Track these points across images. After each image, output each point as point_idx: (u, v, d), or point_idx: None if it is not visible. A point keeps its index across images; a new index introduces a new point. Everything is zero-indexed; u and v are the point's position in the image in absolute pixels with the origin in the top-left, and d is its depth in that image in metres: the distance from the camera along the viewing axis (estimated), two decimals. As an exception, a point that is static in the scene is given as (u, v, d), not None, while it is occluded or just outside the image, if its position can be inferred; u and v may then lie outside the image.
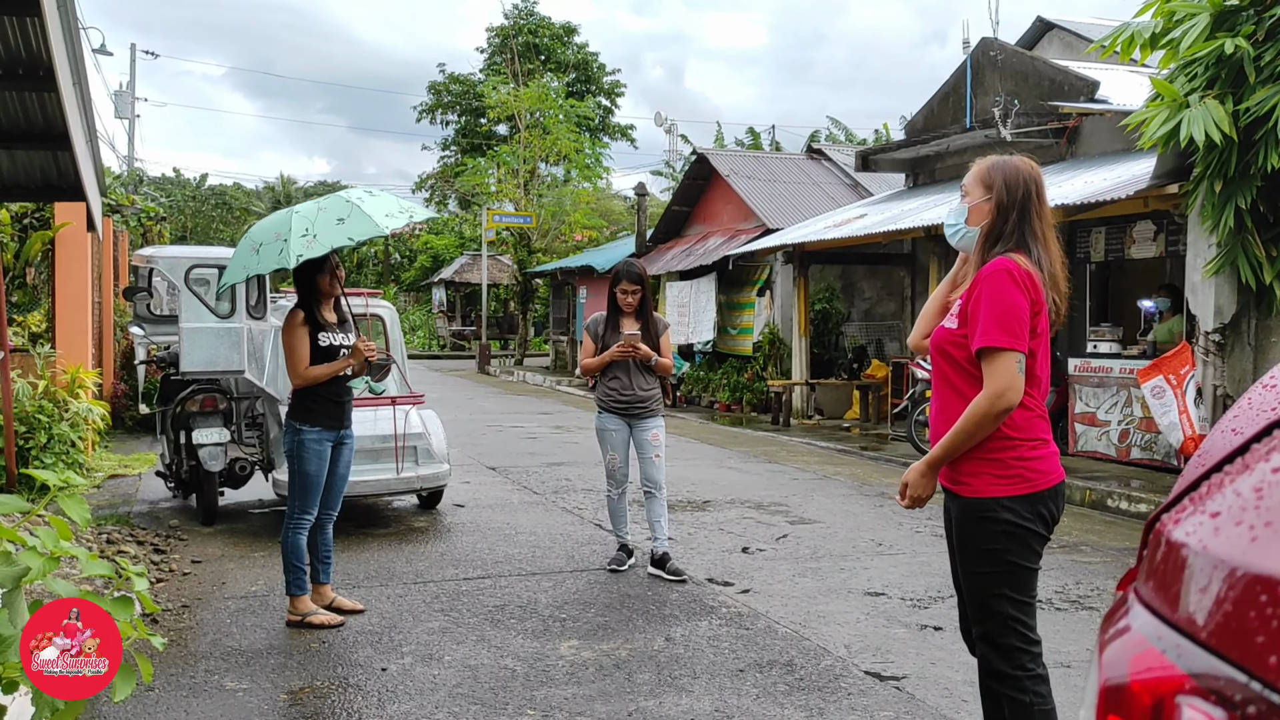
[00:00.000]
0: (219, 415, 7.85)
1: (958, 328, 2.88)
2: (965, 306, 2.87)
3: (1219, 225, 8.05)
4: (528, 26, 39.27)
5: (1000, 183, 2.94)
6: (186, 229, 44.25)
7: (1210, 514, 0.68)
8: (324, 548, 5.49)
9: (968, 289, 2.89)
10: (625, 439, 6.34)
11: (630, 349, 6.11)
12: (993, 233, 2.92)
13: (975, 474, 2.84)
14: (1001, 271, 2.79)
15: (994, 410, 2.75)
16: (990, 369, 2.77)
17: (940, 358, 2.96)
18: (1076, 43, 16.22)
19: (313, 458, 5.23)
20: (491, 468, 10.59)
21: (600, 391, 6.38)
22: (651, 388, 6.32)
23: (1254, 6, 7.67)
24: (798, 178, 20.00)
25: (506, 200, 30.10)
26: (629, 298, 6.26)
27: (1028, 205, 2.92)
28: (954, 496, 2.94)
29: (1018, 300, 2.77)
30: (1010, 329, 2.75)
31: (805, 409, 15.65)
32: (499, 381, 25.07)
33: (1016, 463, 2.82)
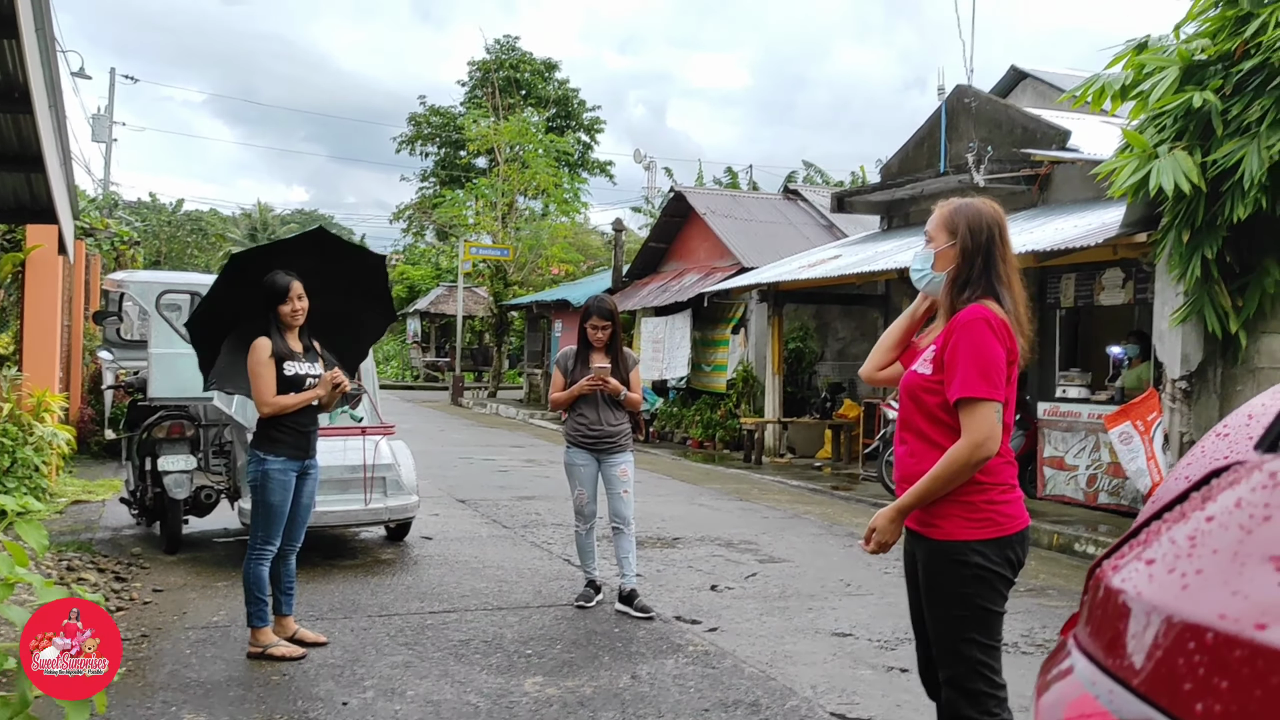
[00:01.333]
0: (186, 442, 7.77)
1: (932, 374, 2.88)
2: (941, 353, 2.86)
3: (1186, 274, 8.17)
4: (509, 61, 39.52)
5: (964, 227, 2.95)
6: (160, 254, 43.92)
7: (1146, 561, 0.68)
8: (287, 579, 5.41)
9: (942, 335, 2.88)
10: (594, 474, 6.30)
11: (599, 382, 6.10)
12: (960, 277, 2.93)
13: (946, 516, 2.83)
14: (980, 320, 2.80)
15: (973, 459, 2.76)
16: (970, 418, 2.77)
17: (911, 402, 2.95)
18: (1049, 92, 16.49)
19: (277, 488, 5.17)
20: (461, 500, 10.52)
21: (569, 426, 6.35)
22: (620, 423, 6.29)
23: (1222, 61, 7.83)
24: (774, 218, 20.16)
25: (484, 232, 30.15)
26: (599, 333, 6.26)
27: (992, 249, 2.93)
28: (921, 539, 2.93)
29: (996, 350, 2.79)
30: (990, 379, 2.77)
31: (777, 447, 15.67)
32: (472, 413, 24.97)
33: (987, 506, 2.82)
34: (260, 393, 5.13)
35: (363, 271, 5.91)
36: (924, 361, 2.94)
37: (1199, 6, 8.07)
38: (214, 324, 5.51)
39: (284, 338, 5.25)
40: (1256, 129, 7.39)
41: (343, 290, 5.69)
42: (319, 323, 5.45)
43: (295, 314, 5.24)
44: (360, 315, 5.95)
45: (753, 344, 16.96)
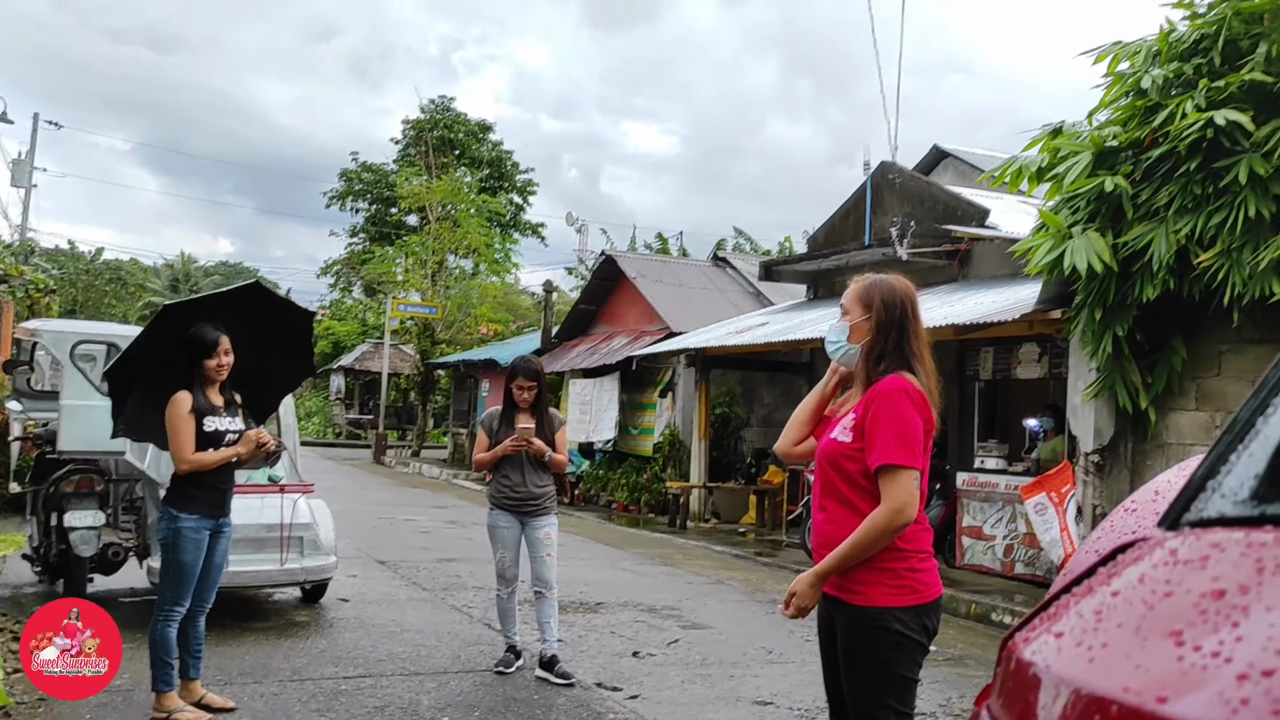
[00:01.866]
0: (95, 497, 7.51)
1: (852, 441, 2.93)
2: (861, 421, 2.92)
3: (1098, 351, 8.43)
4: (443, 121, 39.65)
5: (879, 302, 3.03)
6: (77, 303, 42.84)
7: (1056, 634, 0.71)
8: (195, 641, 5.22)
9: (861, 404, 2.94)
10: (516, 537, 6.21)
11: (523, 443, 6.03)
12: (874, 350, 3.00)
13: (867, 583, 2.86)
14: (899, 391, 2.88)
15: (893, 526, 2.80)
16: (890, 485, 2.82)
17: (831, 470, 2.99)
18: (969, 171, 17.03)
19: (189, 547, 4.99)
20: (381, 561, 10.32)
21: (493, 487, 6.26)
22: (545, 485, 6.22)
23: (1132, 148, 8.18)
24: (703, 284, 20.39)
25: (413, 290, 29.99)
26: (524, 393, 6.19)
27: (905, 323, 3.02)
28: (841, 605, 2.94)
29: (915, 420, 2.87)
30: (909, 447, 2.84)
31: (702, 512, 15.68)
32: (394, 473, 24.58)
33: (907, 574, 2.87)
34: (179, 449, 4.98)
35: (289, 326, 5.82)
36: (843, 429, 2.98)
37: (1111, 96, 8.44)
38: (132, 372, 5.34)
39: (205, 392, 5.12)
40: (1164, 214, 7.71)
41: (264, 343, 5.59)
42: (237, 373, 5.33)
43: (220, 369, 5.12)
44: (278, 368, 5.84)
45: (680, 408, 17.03)
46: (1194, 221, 7.50)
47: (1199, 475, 0.76)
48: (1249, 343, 8.06)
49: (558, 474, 6.39)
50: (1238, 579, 0.63)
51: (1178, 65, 7.92)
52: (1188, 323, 8.28)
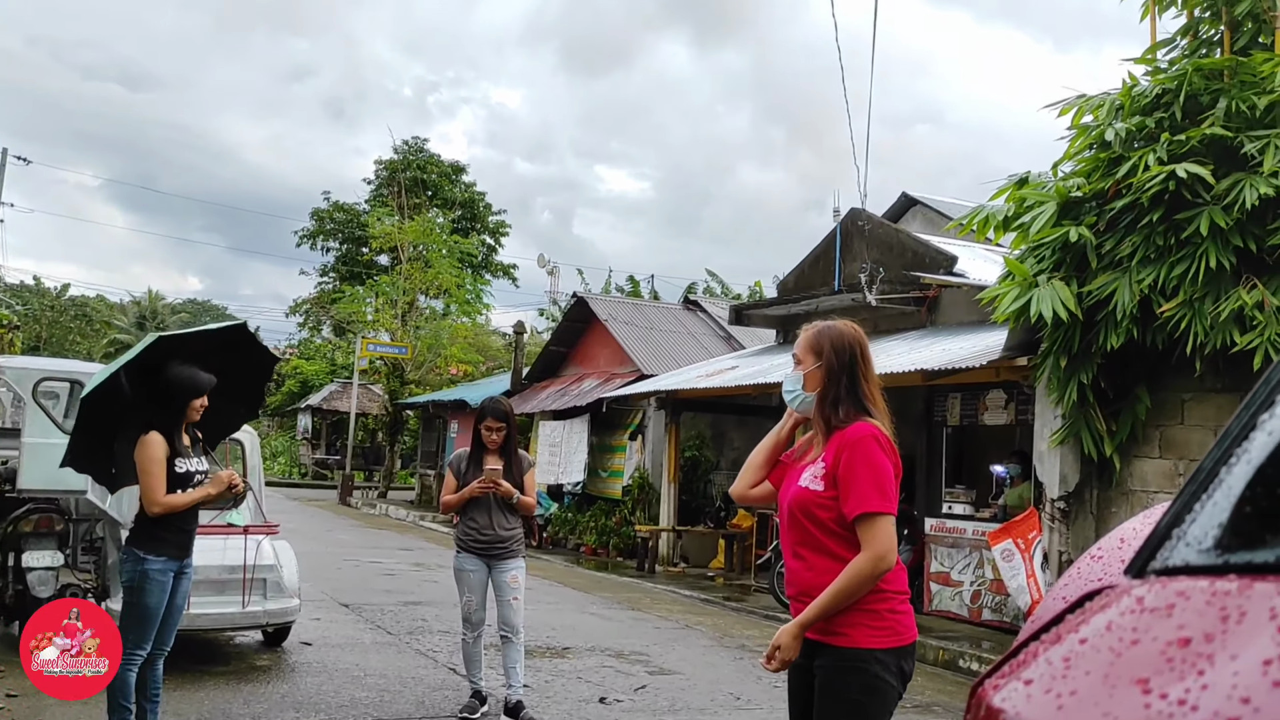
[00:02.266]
0: (54, 537, 7.38)
1: (824, 490, 2.93)
2: (832, 470, 2.92)
3: (1064, 398, 8.52)
4: (416, 162, 39.77)
5: (829, 348, 3.09)
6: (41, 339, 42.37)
7: (1025, 681, 0.71)
8: (153, 686, 5.09)
9: (830, 452, 2.95)
10: (483, 580, 6.13)
11: (490, 484, 5.95)
12: (829, 396, 3.04)
13: (852, 625, 2.85)
14: (869, 438, 2.90)
15: (876, 572, 2.81)
16: (870, 533, 2.83)
17: (804, 518, 2.97)
18: (938, 219, 17.26)
19: (155, 589, 4.88)
20: (344, 604, 10.18)
21: (460, 530, 6.19)
22: (513, 527, 6.15)
23: (1096, 199, 8.33)
24: (674, 326, 20.47)
25: (383, 329, 29.87)
26: (493, 435, 6.13)
27: (855, 368, 3.06)
28: (825, 648, 2.91)
29: (887, 465, 2.90)
30: (886, 493, 2.86)
31: (671, 556, 15.61)
32: (360, 514, 24.32)
33: (889, 615, 2.88)
34: (152, 490, 4.86)
35: (252, 370, 5.76)
36: (813, 478, 2.98)
37: (1075, 148, 8.60)
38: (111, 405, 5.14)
39: (176, 433, 5.03)
40: (1128, 264, 7.84)
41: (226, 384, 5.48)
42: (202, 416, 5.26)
43: (200, 410, 5.07)
44: (228, 409, 5.72)
45: (650, 451, 17.01)
46: (1157, 272, 7.63)
47: (1164, 524, 0.77)
48: (1211, 391, 8.17)
49: (526, 516, 6.33)
50: (1203, 627, 0.64)
51: (1140, 119, 8.10)
52: (1151, 371, 8.39)
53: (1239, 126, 7.57)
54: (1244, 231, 7.30)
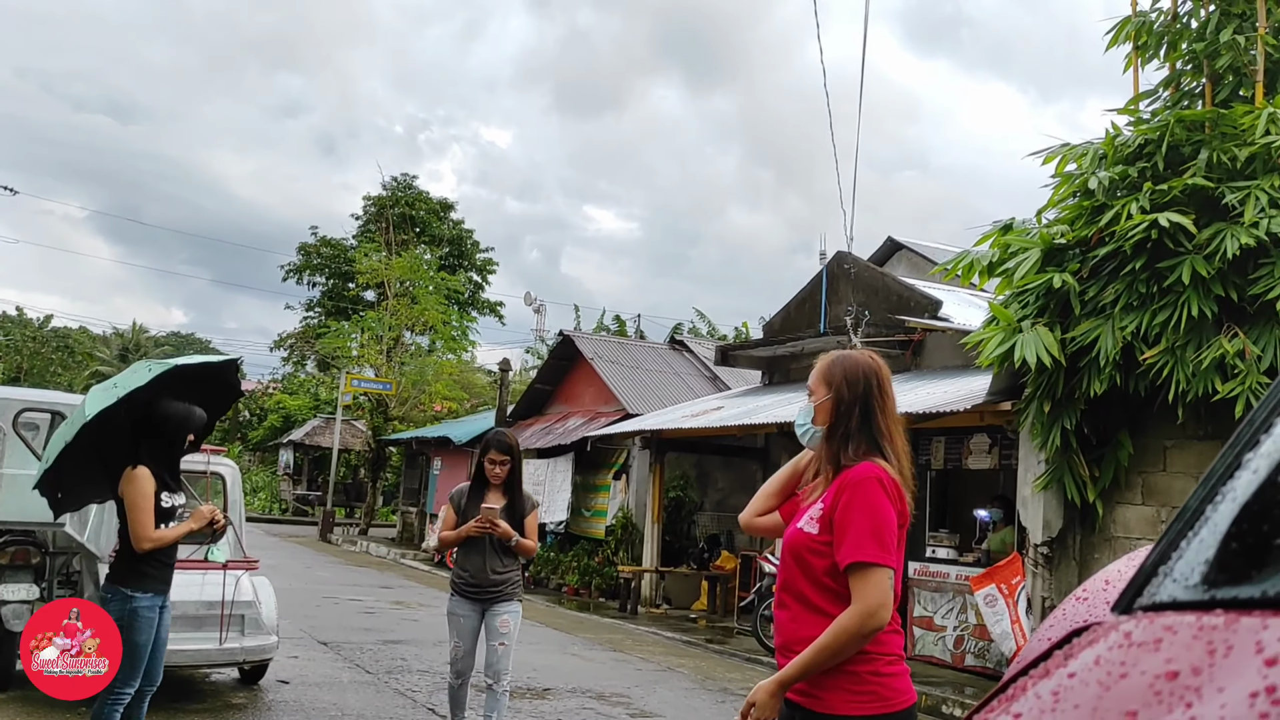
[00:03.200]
0: (30, 570, 7.30)
1: (819, 534, 2.67)
2: (829, 513, 2.66)
3: (1047, 443, 8.56)
4: (405, 199, 39.93)
5: (840, 379, 2.83)
6: (21, 369, 42.12)
7: (1014, 715, 0.71)
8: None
9: (830, 493, 2.70)
10: (474, 627, 5.76)
11: (487, 524, 5.58)
12: (838, 431, 2.78)
13: (828, 688, 2.59)
14: (872, 480, 2.63)
15: (864, 630, 2.54)
16: (862, 585, 2.56)
17: (794, 562, 2.73)
18: (922, 263, 17.42)
19: (144, 626, 4.78)
20: (323, 642, 10.07)
21: (454, 572, 5.88)
22: (508, 570, 5.78)
23: (1079, 246, 8.42)
24: (660, 366, 20.50)
25: (367, 365, 29.80)
26: (497, 468, 5.78)
27: (870, 402, 2.79)
28: (800, 710, 2.64)
29: (889, 512, 2.62)
30: (883, 543, 2.58)
31: (654, 597, 15.52)
32: (341, 551, 24.12)
33: (872, 678, 2.60)
34: (142, 526, 4.78)
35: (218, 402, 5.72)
36: (809, 520, 2.72)
37: (1059, 195, 8.71)
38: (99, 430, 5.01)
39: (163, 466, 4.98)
40: (1111, 310, 7.91)
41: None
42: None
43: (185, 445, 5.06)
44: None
45: (634, 491, 16.96)
46: (1139, 319, 7.70)
47: (1151, 561, 0.78)
48: (1193, 439, 8.22)
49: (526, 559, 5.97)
50: (1190, 661, 0.65)
51: (1123, 168, 8.21)
52: (1133, 417, 8.44)
53: (1220, 177, 7.69)
54: (1225, 281, 7.38)
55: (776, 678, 2.62)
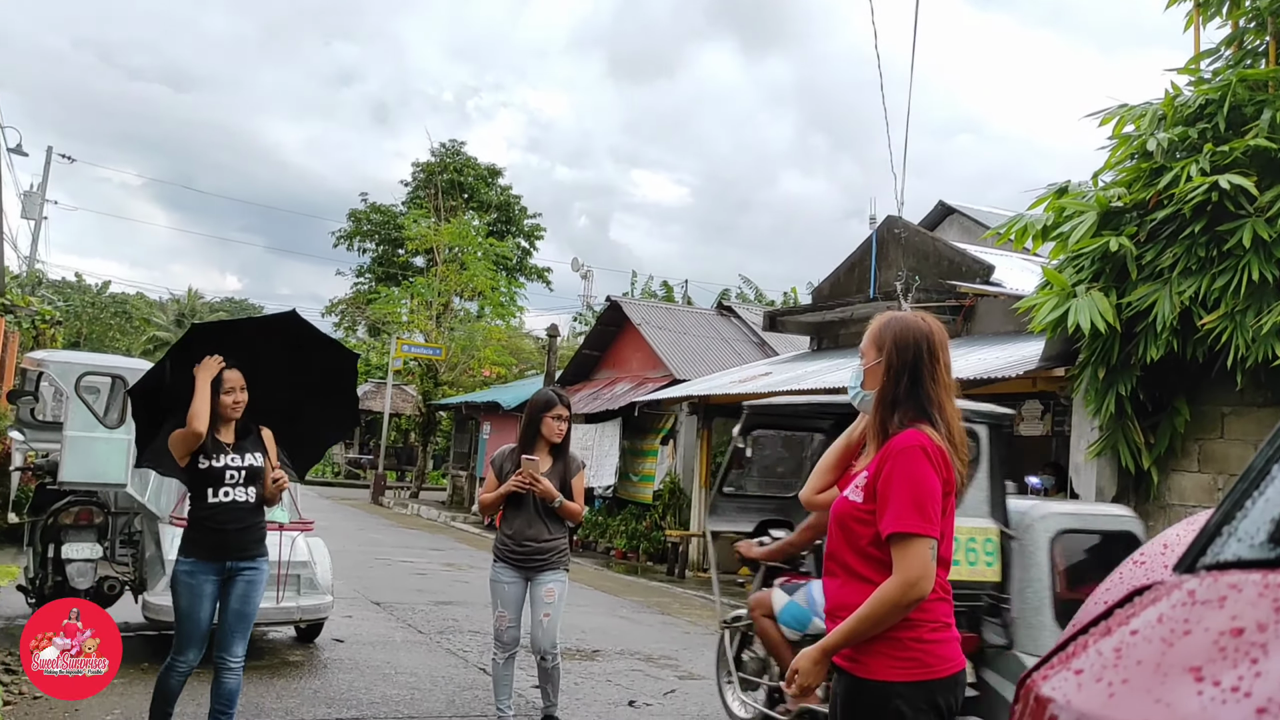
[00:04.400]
0: (93, 530, 7.50)
1: (863, 502, 2.65)
2: (873, 481, 2.64)
3: (1101, 410, 8.44)
4: (453, 165, 40.04)
5: (890, 343, 2.76)
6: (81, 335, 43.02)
7: (1075, 671, 0.71)
8: (219, 701, 4.79)
9: (875, 461, 2.67)
10: (519, 596, 5.47)
11: (527, 480, 5.28)
12: (886, 397, 2.72)
13: (870, 653, 2.59)
14: (916, 448, 2.59)
15: (905, 600, 2.52)
16: (903, 555, 2.53)
17: (840, 531, 2.71)
18: (974, 228, 17.17)
19: (184, 591, 4.65)
20: (376, 603, 10.25)
21: (497, 537, 5.58)
22: (555, 536, 5.48)
23: (1137, 209, 8.25)
24: (707, 332, 20.46)
25: (417, 331, 30.07)
26: (563, 425, 5.51)
27: (919, 367, 2.72)
28: (842, 673, 2.66)
29: (933, 481, 2.58)
30: (926, 513, 2.54)
31: (701, 561, 15.60)
32: (392, 514, 24.49)
33: (915, 644, 2.58)
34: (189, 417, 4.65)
35: (333, 369, 5.39)
36: (855, 488, 2.70)
37: (1116, 157, 8.53)
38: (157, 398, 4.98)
39: (212, 429, 4.77)
40: (1168, 275, 7.76)
41: (307, 384, 5.26)
42: (274, 415, 5.07)
43: (234, 406, 4.80)
44: (323, 413, 5.42)
45: (681, 456, 17.00)
46: (1198, 283, 7.55)
47: (1214, 521, 0.78)
48: (1251, 405, 8.06)
49: (572, 524, 5.68)
50: (1256, 618, 0.64)
51: (1183, 129, 8.02)
52: (1191, 384, 8.29)
53: (1284, 137, 7.48)
54: (1288, 244, 7.20)
55: (820, 644, 2.63)
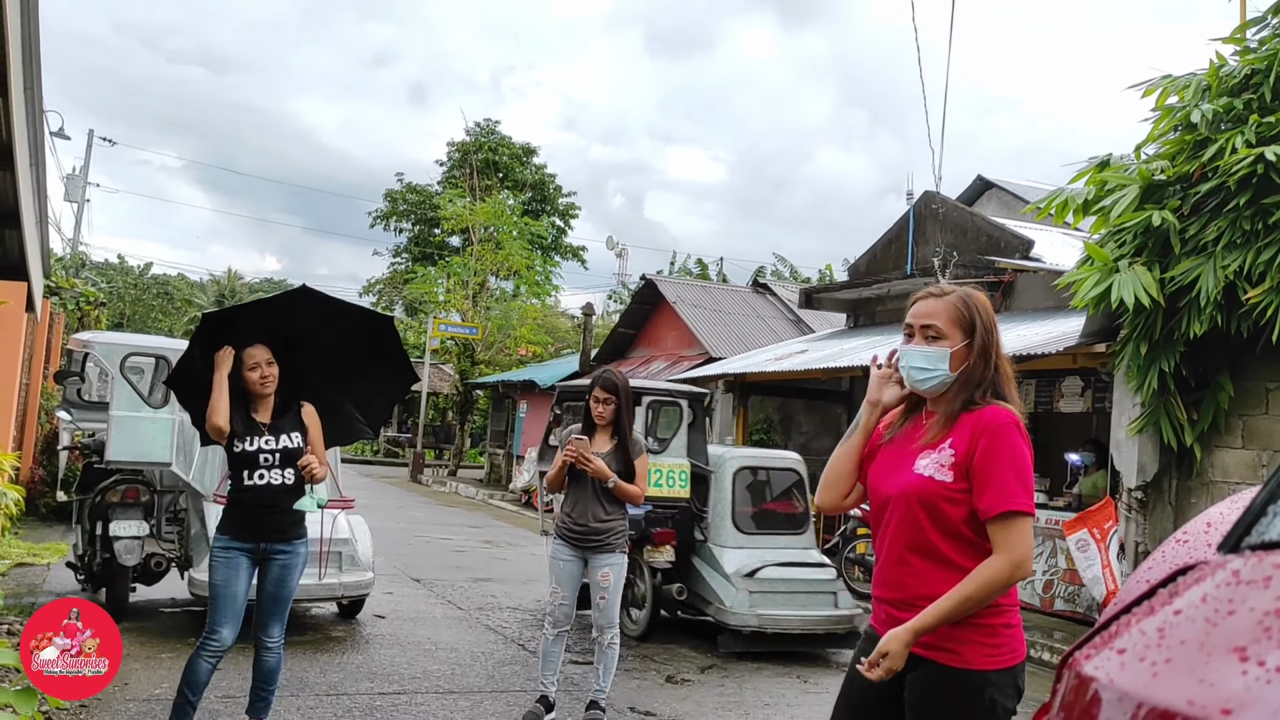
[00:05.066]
0: (139, 507, 7.63)
1: (953, 481, 2.54)
2: (964, 458, 2.55)
3: (1143, 386, 8.34)
4: (488, 144, 40.07)
5: (980, 325, 2.68)
6: (124, 316, 43.67)
7: (1118, 650, 0.72)
8: (259, 678, 4.77)
9: (963, 438, 2.57)
10: (575, 574, 5.49)
11: (573, 455, 5.32)
12: (973, 379, 2.64)
13: (964, 642, 2.50)
14: (1011, 425, 2.55)
15: (1012, 580, 2.49)
16: (1009, 534, 2.49)
17: (925, 513, 2.56)
18: (1014, 202, 16.96)
19: (218, 565, 4.60)
20: (416, 579, 10.37)
21: (557, 516, 5.69)
22: (611, 518, 5.49)
23: (1180, 182, 8.12)
24: (742, 310, 20.41)
25: (454, 310, 30.22)
26: (600, 408, 5.53)
27: (995, 347, 2.70)
28: (929, 664, 2.53)
29: (1029, 457, 2.57)
30: (1029, 490, 2.53)
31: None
32: (431, 491, 24.71)
33: (1005, 631, 2.55)
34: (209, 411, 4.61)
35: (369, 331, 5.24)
36: (938, 467, 2.57)
37: (1159, 129, 8.39)
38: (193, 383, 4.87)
39: (247, 409, 4.69)
40: (1213, 249, 7.64)
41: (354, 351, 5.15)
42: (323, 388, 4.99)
43: (263, 382, 4.66)
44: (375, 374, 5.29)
45: (717, 434, 17.00)
46: (1243, 257, 7.43)
47: (1259, 501, 0.77)
48: (1298, 381, 7.94)
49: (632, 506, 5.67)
50: (1302, 598, 0.64)
51: (1228, 100, 7.87)
52: (1235, 359, 8.18)
53: (1334, 107, 7.32)
54: (1337, 216, 7.07)
55: (911, 626, 2.49)
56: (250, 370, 4.65)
